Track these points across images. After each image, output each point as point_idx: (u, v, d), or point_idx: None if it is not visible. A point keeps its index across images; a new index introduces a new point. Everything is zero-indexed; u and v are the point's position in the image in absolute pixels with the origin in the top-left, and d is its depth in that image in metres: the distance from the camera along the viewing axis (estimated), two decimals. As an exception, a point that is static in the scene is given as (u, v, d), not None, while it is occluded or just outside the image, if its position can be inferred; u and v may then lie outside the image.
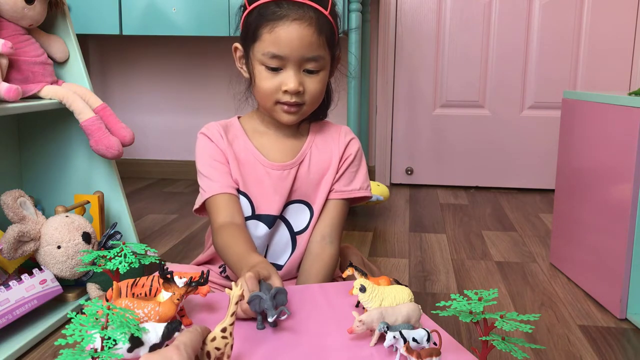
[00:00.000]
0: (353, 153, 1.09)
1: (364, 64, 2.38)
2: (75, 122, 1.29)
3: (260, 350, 0.71)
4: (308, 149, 1.07)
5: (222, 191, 1.03)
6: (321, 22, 0.97)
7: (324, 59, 0.99)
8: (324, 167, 1.08)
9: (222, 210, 1.02)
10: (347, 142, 1.09)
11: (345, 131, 1.11)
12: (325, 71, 1.01)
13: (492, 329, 0.62)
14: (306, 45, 0.96)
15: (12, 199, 1.12)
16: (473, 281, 1.45)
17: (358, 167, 1.10)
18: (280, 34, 0.96)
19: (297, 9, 0.96)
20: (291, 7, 0.96)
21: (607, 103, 1.29)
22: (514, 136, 2.51)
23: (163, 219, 1.99)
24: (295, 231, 1.08)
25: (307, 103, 1.01)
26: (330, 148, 1.08)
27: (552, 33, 2.43)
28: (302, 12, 0.96)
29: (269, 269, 0.86)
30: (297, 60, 0.97)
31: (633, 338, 1.15)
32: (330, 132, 1.10)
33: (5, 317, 1.03)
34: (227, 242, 0.98)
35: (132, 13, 2.10)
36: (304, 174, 1.06)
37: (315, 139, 1.09)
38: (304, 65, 0.98)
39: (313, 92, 1.00)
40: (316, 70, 0.99)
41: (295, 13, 0.96)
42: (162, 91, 2.70)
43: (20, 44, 1.23)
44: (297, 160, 1.06)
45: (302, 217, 1.08)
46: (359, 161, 1.11)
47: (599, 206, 1.32)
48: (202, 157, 1.06)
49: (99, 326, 0.57)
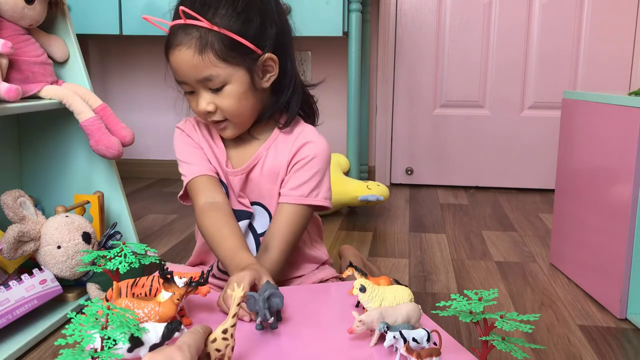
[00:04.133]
0: (309, 156, 1.03)
1: (364, 64, 2.38)
2: (75, 122, 1.29)
3: (261, 351, 0.71)
4: (263, 152, 1.05)
5: (202, 173, 1.04)
6: (204, 39, 0.93)
7: (219, 75, 0.95)
8: (276, 170, 1.05)
9: (202, 191, 1.03)
10: (302, 145, 1.03)
11: (305, 133, 1.05)
12: (232, 84, 0.96)
13: (492, 329, 0.62)
14: (190, 69, 0.95)
15: (12, 199, 1.12)
16: (473, 281, 1.45)
17: (313, 173, 1.03)
18: (171, 61, 0.97)
19: (180, 33, 0.95)
20: (176, 32, 0.95)
21: (607, 103, 1.29)
22: (514, 136, 2.51)
23: (163, 219, 1.99)
24: (259, 233, 1.08)
25: (229, 117, 1.00)
26: (286, 151, 1.05)
27: (552, 33, 2.43)
28: (183, 35, 0.94)
29: (260, 271, 0.86)
30: (195, 83, 0.97)
31: (633, 338, 1.15)
32: (292, 135, 1.06)
33: (5, 317, 1.03)
34: (214, 233, 0.99)
35: (132, 13, 2.10)
36: (256, 177, 1.06)
37: (275, 142, 1.06)
38: (205, 84, 0.97)
39: (226, 107, 0.98)
40: (218, 87, 0.96)
41: (177, 38, 0.95)
42: (162, 91, 2.68)
43: (20, 44, 1.23)
44: (248, 165, 1.05)
45: (263, 220, 1.08)
46: (315, 167, 1.03)
47: (599, 206, 1.32)
48: (179, 146, 1.09)
49: (99, 326, 0.57)
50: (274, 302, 0.75)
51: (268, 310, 0.74)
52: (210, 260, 1.13)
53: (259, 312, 0.74)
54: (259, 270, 0.86)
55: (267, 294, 0.75)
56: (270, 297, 0.75)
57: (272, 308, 0.75)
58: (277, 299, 0.76)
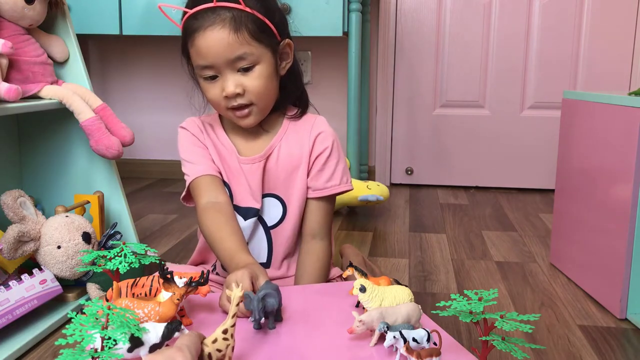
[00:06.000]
0: (328, 147, 1.07)
1: (364, 64, 2.38)
2: (75, 122, 1.29)
3: (261, 351, 0.71)
4: (277, 143, 1.07)
5: (205, 173, 1.05)
6: (238, 19, 0.96)
7: (253, 53, 0.97)
8: (294, 161, 1.07)
9: (205, 191, 1.04)
10: (316, 135, 1.07)
11: (318, 123, 1.09)
12: (262, 64, 0.99)
13: (492, 329, 0.62)
14: (225, 48, 0.96)
15: (12, 199, 1.12)
16: (473, 281, 1.45)
17: (336, 161, 1.08)
18: (199, 45, 0.97)
19: (210, 15, 0.96)
20: (205, 16, 0.96)
21: (607, 103, 1.29)
22: (514, 136, 2.51)
23: (163, 219, 1.99)
24: (269, 225, 1.09)
25: (255, 101, 1.01)
26: (301, 142, 1.08)
27: (552, 33, 2.43)
28: (215, 16, 0.96)
29: (257, 270, 0.86)
30: (225, 64, 0.97)
31: (633, 338, 1.15)
32: (304, 126, 1.09)
33: (5, 317, 1.03)
34: (215, 233, 0.99)
35: (132, 13, 2.10)
36: (272, 167, 1.07)
37: (287, 133, 1.08)
38: (234, 65, 0.98)
39: (254, 88, 0.99)
40: (249, 66, 0.98)
41: (208, 20, 0.96)
42: (162, 91, 2.69)
43: (20, 44, 1.23)
44: (264, 154, 1.06)
45: (275, 211, 1.08)
46: (336, 155, 1.09)
47: (599, 206, 1.32)
48: (183, 145, 1.10)
49: (99, 326, 0.57)
50: (269, 302, 0.76)
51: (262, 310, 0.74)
52: (211, 259, 1.14)
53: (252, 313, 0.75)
54: (256, 269, 0.87)
55: (262, 294, 0.75)
56: (265, 297, 0.75)
57: (266, 308, 0.75)
58: (272, 299, 0.76)
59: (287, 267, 1.10)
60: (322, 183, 1.07)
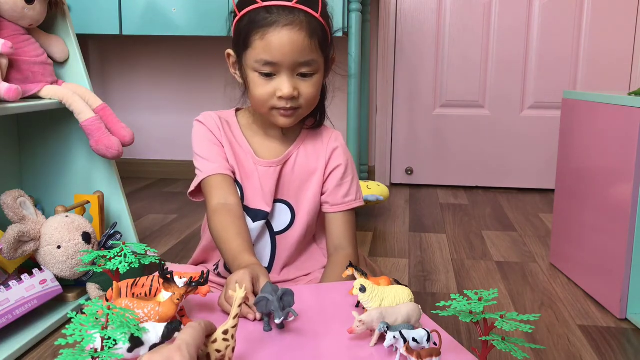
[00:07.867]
0: (343, 164, 1.09)
1: (364, 64, 2.38)
2: (75, 122, 1.29)
3: (261, 351, 0.71)
4: (295, 150, 1.08)
5: (219, 172, 1.04)
6: (312, 25, 0.96)
7: (317, 62, 0.99)
8: (310, 170, 1.08)
9: (217, 190, 1.03)
10: (333, 150, 1.09)
11: (334, 138, 1.11)
12: (319, 74, 1.01)
13: (492, 329, 0.62)
14: (298, 50, 0.95)
15: (12, 199, 1.12)
16: (473, 281, 1.45)
17: (352, 178, 1.11)
18: (271, 40, 0.95)
19: (287, 14, 0.95)
20: (281, 13, 0.95)
21: (607, 103, 1.29)
22: (514, 136, 2.51)
23: (163, 219, 1.99)
24: (276, 231, 1.08)
25: (303, 107, 1.01)
26: (318, 153, 1.09)
27: (552, 33, 2.43)
28: (293, 17, 0.95)
29: (258, 271, 0.86)
30: (290, 66, 0.97)
31: (633, 338, 1.15)
32: (321, 138, 1.11)
33: (5, 317, 1.03)
34: (221, 233, 0.99)
35: (132, 13, 2.10)
36: (288, 174, 1.07)
37: (304, 143, 1.09)
38: (297, 69, 0.98)
39: (308, 95, 1.00)
40: (310, 73, 0.99)
41: (286, 18, 0.95)
42: (162, 91, 2.69)
43: (20, 44, 1.23)
44: (282, 159, 1.07)
45: (284, 217, 1.08)
46: (351, 172, 1.11)
47: (599, 206, 1.32)
48: (199, 139, 1.08)
49: (99, 326, 0.57)
50: (287, 301, 0.75)
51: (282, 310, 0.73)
52: (212, 259, 1.14)
53: (275, 314, 0.73)
54: (258, 270, 0.86)
55: (280, 294, 0.74)
56: (283, 297, 0.74)
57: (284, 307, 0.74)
58: (290, 297, 0.75)
59: (287, 273, 1.10)
60: (340, 198, 1.09)
